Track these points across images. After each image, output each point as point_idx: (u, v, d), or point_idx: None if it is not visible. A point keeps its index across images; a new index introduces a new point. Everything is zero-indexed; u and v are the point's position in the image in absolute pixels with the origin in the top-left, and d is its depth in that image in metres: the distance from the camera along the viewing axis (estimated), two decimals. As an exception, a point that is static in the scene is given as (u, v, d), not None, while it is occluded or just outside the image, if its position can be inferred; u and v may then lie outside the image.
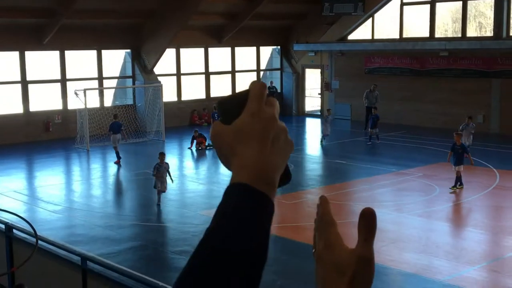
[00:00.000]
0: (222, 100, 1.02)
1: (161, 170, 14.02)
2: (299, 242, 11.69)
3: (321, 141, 22.29)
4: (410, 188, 15.62)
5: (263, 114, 0.98)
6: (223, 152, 1.00)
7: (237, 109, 0.99)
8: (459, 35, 25.12)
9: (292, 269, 10.48)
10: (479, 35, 24.91)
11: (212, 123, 27.93)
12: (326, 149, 22.46)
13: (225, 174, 17.84)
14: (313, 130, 28.37)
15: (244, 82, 29.61)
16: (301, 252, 11.30)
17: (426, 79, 25.31)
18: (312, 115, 30.19)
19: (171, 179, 14.28)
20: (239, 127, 0.98)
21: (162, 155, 14.41)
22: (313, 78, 30.85)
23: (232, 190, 0.95)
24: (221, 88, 28.75)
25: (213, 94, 28.35)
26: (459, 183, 14.75)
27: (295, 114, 30.12)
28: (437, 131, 22.95)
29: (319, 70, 29.81)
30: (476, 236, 11.96)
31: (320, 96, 29.92)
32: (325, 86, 29.31)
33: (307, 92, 30.82)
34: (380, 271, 9.98)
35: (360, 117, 25.52)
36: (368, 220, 1.03)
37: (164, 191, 14.06)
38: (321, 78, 29.74)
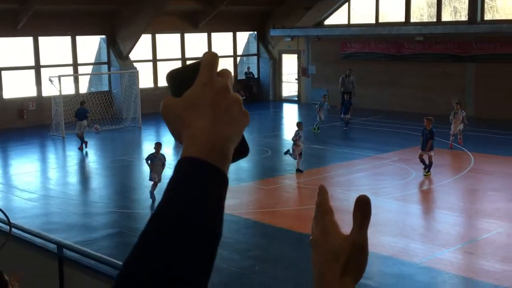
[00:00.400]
0: (172, 72, 0.97)
1: (156, 161, 12.92)
2: (277, 227, 11.74)
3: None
4: (387, 172, 15.75)
5: (215, 84, 0.94)
6: (175, 126, 0.95)
7: (188, 81, 0.94)
8: (434, 19, 25.27)
9: (271, 254, 10.53)
10: (454, 20, 25.08)
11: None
12: (303, 134, 22.49)
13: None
14: (290, 115, 28.40)
15: (221, 68, 29.48)
16: (280, 237, 11.35)
17: (402, 64, 25.45)
18: (289, 100, 30.22)
19: (162, 170, 13.08)
20: (190, 97, 0.94)
21: (158, 145, 13.19)
22: (290, 64, 30.84)
23: (182, 164, 0.91)
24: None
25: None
26: (426, 166, 14.84)
27: (272, 100, 30.12)
28: (413, 115, 23.10)
29: (295, 56, 29.80)
30: (451, 218, 12.10)
31: (297, 81, 29.94)
32: (302, 72, 29.33)
33: (284, 78, 30.82)
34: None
35: (338, 102, 25.60)
36: (363, 207, 1.06)
37: (159, 181, 12.94)
38: (297, 64, 29.74)
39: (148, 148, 20.53)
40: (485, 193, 13.93)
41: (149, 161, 13.08)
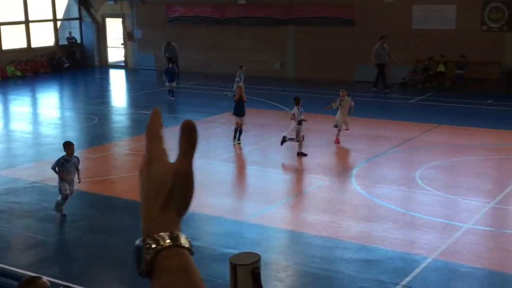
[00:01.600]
0: None
1: (69, 166, 10.05)
2: (106, 195, 11.53)
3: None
4: (216, 134, 16.04)
5: None
6: None
7: None
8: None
9: (99, 223, 10.32)
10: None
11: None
12: (132, 100, 22.14)
13: (24, 131, 16.85)
14: (117, 81, 27.74)
15: (40, 33, 27.88)
16: (109, 205, 11.16)
17: (227, 27, 25.82)
18: (115, 66, 29.44)
19: (78, 178, 10.35)
20: None
21: (69, 146, 10.18)
22: (115, 28, 29.95)
23: None
24: (14, 40, 26.83)
25: (5, 46, 26.44)
26: (238, 136, 14.67)
27: (97, 65, 29.16)
28: (239, 78, 23.64)
29: (120, 20, 28.99)
30: (276, 176, 12.68)
31: (123, 46, 29.21)
32: (128, 36, 28.65)
33: (109, 43, 29.89)
34: (186, 216, 10.19)
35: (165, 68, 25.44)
36: (188, 133, 1.00)
37: (71, 194, 10.26)
38: (123, 28, 28.98)
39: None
40: (307, 149, 14.71)
41: (57, 168, 10.04)
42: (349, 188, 11.74)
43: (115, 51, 29.99)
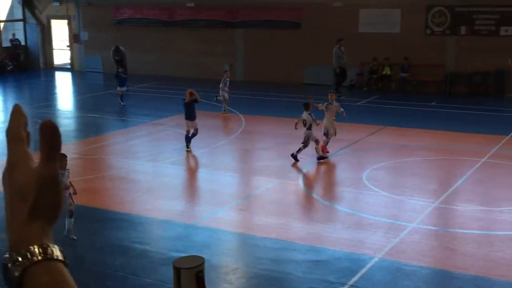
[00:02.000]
0: None
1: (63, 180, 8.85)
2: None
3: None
4: (164, 137, 15.94)
5: None
6: None
7: None
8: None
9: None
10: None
11: None
12: (79, 103, 21.76)
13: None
14: (63, 84, 27.22)
15: (-18, 34, 27.13)
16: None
17: (175, 30, 25.71)
18: (62, 68, 28.91)
19: (74, 191, 9.42)
20: None
21: (61, 158, 8.56)
22: (60, 29, 29.41)
23: None
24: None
25: None
26: (188, 142, 14.27)
27: (43, 68, 28.58)
28: (188, 80, 23.55)
29: (66, 21, 28.49)
30: (226, 178, 12.68)
31: (69, 48, 28.71)
32: (74, 38, 28.18)
33: (54, 45, 29.33)
34: (134, 220, 10.11)
35: (113, 70, 25.10)
36: (47, 134, 0.92)
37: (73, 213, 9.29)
38: (69, 30, 28.48)
39: None
40: (255, 152, 14.79)
41: None
42: (298, 190, 11.85)
43: (61, 54, 29.45)
